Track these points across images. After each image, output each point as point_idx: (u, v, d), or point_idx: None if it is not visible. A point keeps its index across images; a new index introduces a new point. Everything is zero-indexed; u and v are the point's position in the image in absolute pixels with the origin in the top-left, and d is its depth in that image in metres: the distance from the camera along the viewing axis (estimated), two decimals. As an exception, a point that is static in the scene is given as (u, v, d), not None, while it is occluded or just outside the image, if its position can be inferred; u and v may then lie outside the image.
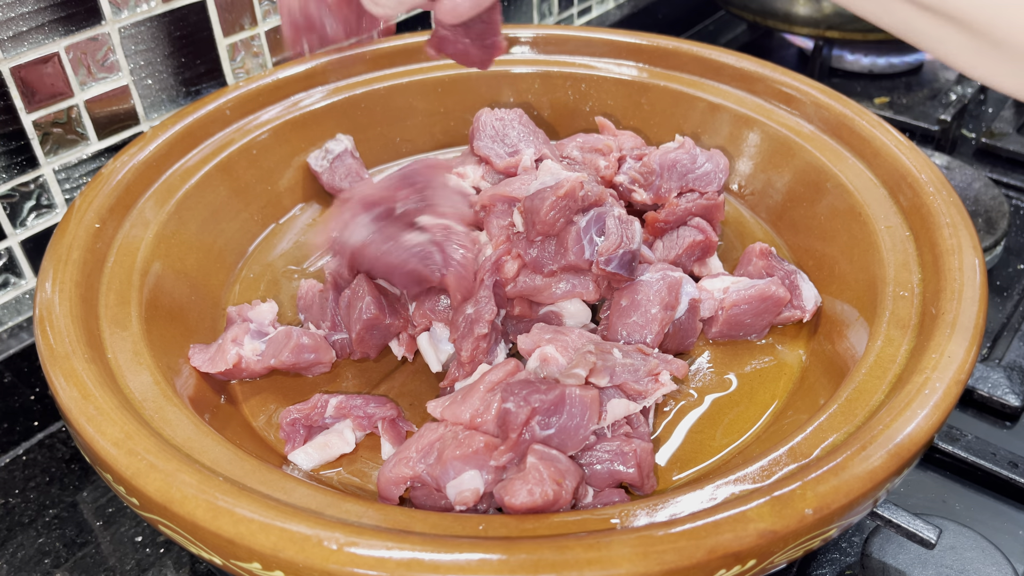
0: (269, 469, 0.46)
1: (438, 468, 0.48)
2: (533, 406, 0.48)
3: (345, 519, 0.42)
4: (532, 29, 0.87)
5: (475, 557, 0.39)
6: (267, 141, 0.76)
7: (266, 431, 0.58)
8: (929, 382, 0.47)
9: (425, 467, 0.49)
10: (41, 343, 0.51)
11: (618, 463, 0.50)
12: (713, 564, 0.39)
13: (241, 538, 0.40)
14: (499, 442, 0.49)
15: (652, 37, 0.84)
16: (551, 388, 0.49)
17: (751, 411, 0.58)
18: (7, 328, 0.73)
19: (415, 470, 0.49)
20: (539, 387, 0.49)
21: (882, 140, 0.67)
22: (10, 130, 0.68)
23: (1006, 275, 0.80)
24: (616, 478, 0.50)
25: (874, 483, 0.43)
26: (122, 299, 0.58)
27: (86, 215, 0.61)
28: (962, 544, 0.56)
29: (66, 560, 0.58)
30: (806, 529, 0.41)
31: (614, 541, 0.39)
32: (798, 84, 0.76)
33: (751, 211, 0.78)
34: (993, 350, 0.72)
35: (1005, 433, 0.66)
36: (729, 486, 0.44)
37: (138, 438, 0.45)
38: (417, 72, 0.84)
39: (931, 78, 1.14)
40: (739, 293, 0.61)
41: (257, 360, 0.59)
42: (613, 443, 0.51)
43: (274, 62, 0.86)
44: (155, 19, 0.74)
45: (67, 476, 0.64)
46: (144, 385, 0.52)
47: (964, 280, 0.54)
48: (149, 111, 0.77)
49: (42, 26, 0.67)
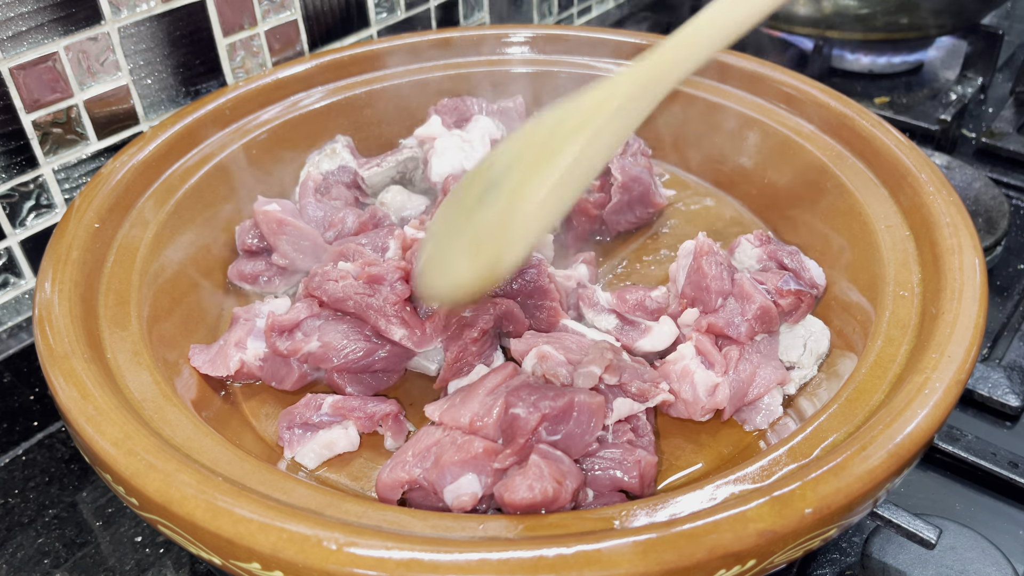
0: (269, 469, 0.46)
1: (435, 472, 0.48)
2: (543, 412, 0.48)
3: (345, 519, 0.42)
4: (532, 29, 0.87)
5: (475, 557, 0.39)
6: (267, 141, 0.76)
7: (266, 431, 0.58)
8: (929, 382, 0.47)
9: (422, 471, 0.49)
10: (40, 343, 0.51)
11: (620, 471, 0.50)
12: (713, 564, 0.39)
13: (240, 538, 0.40)
14: (498, 447, 0.49)
15: (652, 37, 0.84)
16: (559, 395, 0.49)
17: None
18: (7, 328, 0.73)
19: (411, 474, 0.49)
20: (547, 393, 0.49)
21: (882, 140, 0.67)
22: (10, 130, 0.68)
23: (1006, 275, 0.80)
24: (617, 485, 0.50)
25: (874, 483, 0.43)
26: (121, 299, 0.58)
27: (86, 215, 0.61)
28: (962, 544, 0.56)
29: (66, 560, 0.58)
30: (806, 529, 0.41)
31: (614, 541, 0.39)
32: (798, 84, 0.76)
33: (751, 210, 0.78)
34: (993, 350, 0.72)
35: (1005, 433, 0.66)
36: (729, 486, 0.44)
37: (137, 438, 0.45)
38: (417, 72, 0.84)
39: (931, 78, 1.14)
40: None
41: (259, 366, 0.59)
42: (616, 450, 0.51)
43: (274, 62, 0.86)
44: (155, 19, 0.74)
45: (67, 476, 0.64)
46: (144, 385, 0.52)
47: (964, 280, 0.54)
48: (149, 111, 0.77)
49: (42, 26, 0.67)
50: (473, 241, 0.46)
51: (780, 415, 0.57)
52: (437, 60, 0.85)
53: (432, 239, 0.51)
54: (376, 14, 0.93)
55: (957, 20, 1.06)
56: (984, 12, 1.08)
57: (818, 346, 0.60)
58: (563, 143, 0.45)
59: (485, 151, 0.74)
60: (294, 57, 0.87)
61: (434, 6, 1.00)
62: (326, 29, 0.89)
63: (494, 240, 0.45)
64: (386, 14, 0.94)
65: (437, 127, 0.76)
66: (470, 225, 0.47)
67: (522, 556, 0.39)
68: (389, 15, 0.95)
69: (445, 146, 0.73)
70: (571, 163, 0.45)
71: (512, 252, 0.45)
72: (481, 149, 0.74)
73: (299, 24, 0.86)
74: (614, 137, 0.47)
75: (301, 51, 0.88)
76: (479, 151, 0.73)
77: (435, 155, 0.73)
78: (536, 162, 0.46)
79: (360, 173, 0.74)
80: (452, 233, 0.48)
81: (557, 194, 0.45)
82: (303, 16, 0.86)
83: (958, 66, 1.14)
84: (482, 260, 0.46)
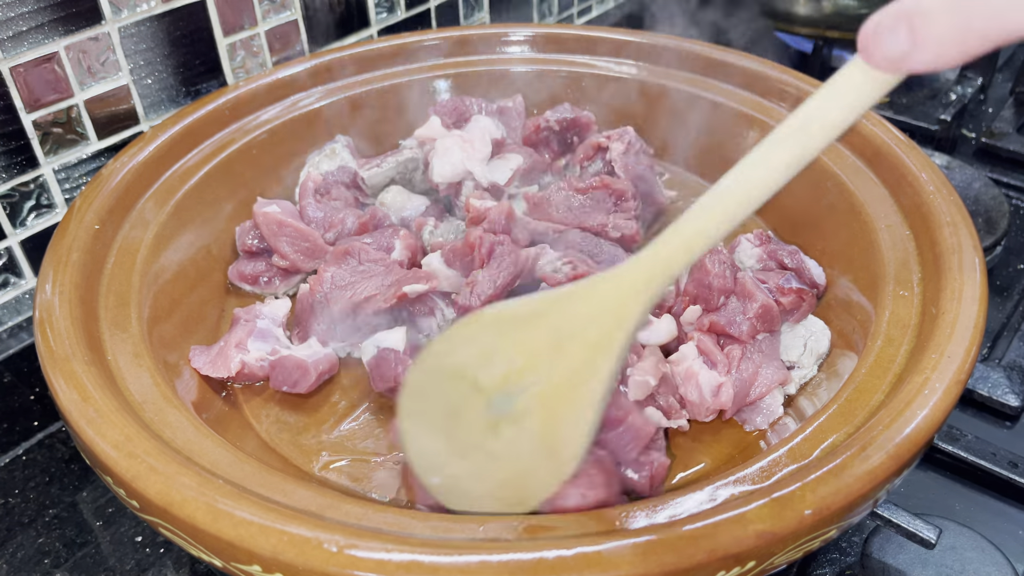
0: (269, 471, 0.46)
1: None
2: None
3: (345, 521, 0.42)
4: (532, 28, 0.87)
5: (475, 559, 0.39)
6: (267, 141, 0.76)
7: (267, 433, 0.58)
8: (929, 382, 0.47)
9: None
10: (41, 345, 0.51)
11: (632, 470, 0.50)
12: (713, 565, 0.39)
13: (241, 540, 0.40)
14: None
15: (652, 36, 0.84)
16: (618, 406, 0.49)
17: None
18: (7, 328, 0.73)
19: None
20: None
21: (882, 139, 0.67)
22: (10, 130, 0.68)
23: (1006, 275, 0.80)
24: (627, 484, 0.50)
25: (874, 484, 0.43)
26: (122, 300, 0.58)
27: (86, 216, 0.61)
28: (962, 544, 0.56)
29: (66, 560, 0.58)
30: (806, 530, 0.41)
31: (614, 543, 0.39)
32: (798, 83, 0.76)
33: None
34: (993, 350, 0.72)
35: (1005, 433, 0.66)
36: (728, 487, 0.44)
37: (138, 440, 0.45)
38: (417, 72, 0.84)
39: (931, 78, 1.14)
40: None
41: (261, 367, 0.60)
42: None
43: (274, 62, 0.86)
44: (155, 19, 0.74)
45: (67, 476, 0.64)
46: (144, 387, 0.52)
47: (964, 280, 0.54)
48: (149, 111, 0.77)
49: (42, 26, 0.67)
50: (506, 483, 0.44)
51: (780, 415, 0.57)
52: (437, 60, 0.85)
53: (430, 464, 0.46)
54: (376, 14, 0.93)
55: (957, 19, 1.06)
56: (984, 11, 1.08)
57: (818, 346, 0.60)
58: (595, 357, 0.41)
59: (486, 151, 0.73)
60: (294, 57, 0.87)
61: (434, 6, 1.00)
62: (326, 29, 0.89)
63: (537, 480, 0.43)
64: (386, 14, 0.94)
65: (437, 127, 0.76)
66: (494, 465, 0.44)
67: (522, 558, 0.39)
68: (389, 15, 0.95)
69: (446, 147, 0.73)
70: (607, 378, 0.41)
71: (552, 486, 0.43)
72: (482, 149, 0.74)
73: (299, 24, 0.86)
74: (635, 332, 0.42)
75: (301, 51, 0.88)
76: (480, 151, 0.73)
77: (436, 156, 0.73)
78: (567, 386, 0.42)
79: (360, 173, 0.74)
80: (465, 468, 0.45)
81: (595, 413, 0.42)
82: (303, 16, 0.86)
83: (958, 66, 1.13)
84: (524, 500, 0.44)
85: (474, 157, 0.73)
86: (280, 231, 0.67)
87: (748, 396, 0.57)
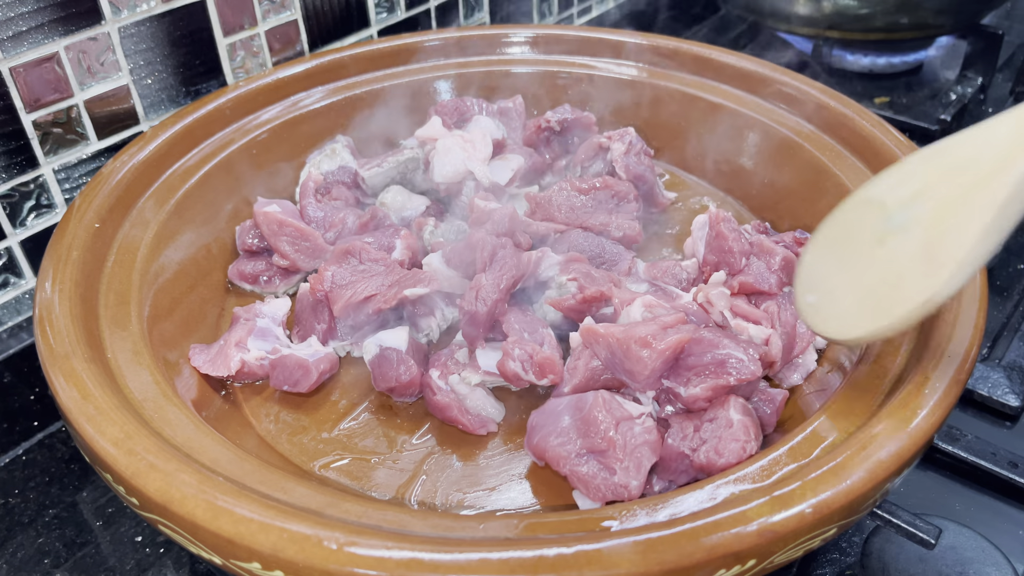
0: (269, 469, 0.46)
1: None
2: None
3: (345, 519, 0.42)
4: (532, 29, 0.87)
5: (475, 557, 0.39)
6: (267, 141, 0.76)
7: (266, 431, 0.58)
8: (929, 382, 0.47)
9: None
10: (41, 343, 0.51)
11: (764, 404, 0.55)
12: (713, 564, 0.39)
13: (241, 538, 0.40)
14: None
15: (652, 37, 0.84)
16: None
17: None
18: (7, 328, 0.73)
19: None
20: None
21: (882, 140, 0.67)
22: (10, 130, 0.68)
23: (1006, 275, 0.80)
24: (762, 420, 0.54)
25: (874, 483, 0.43)
26: (122, 299, 0.58)
27: (86, 215, 0.61)
28: (962, 544, 0.56)
29: (66, 560, 0.58)
30: (806, 529, 0.41)
31: (614, 541, 0.39)
32: (798, 84, 0.76)
33: (751, 210, 0.78)
34: (993, 350, 0.72)
35: (1005, 433, 0.66)
36: (729, 486, 0.44)
37: (138, 438, 0.45)
38: (417, 72, 0.84)
39: (931, 78, 1.14)
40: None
41: (260, 366, 0.60)
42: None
43: (274, 62, 0.86)
44: (155, 19, 0.74)
45: (67, 476, 0.64)
46: (144, 385, 0.52)
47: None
48: (149, 111, 0.77)
49: (42, 26, 0.67)
50: (875, 290, 0.45)
51: (814, 369, 0.59)
52: (437, 60, 0.85)
53: (813, 282, 0.50)
54: (376, 14, 0.93)
55: (957, 20, 1.06)
56: (984, 12, 1.08)
57: None
58: (990, 180, 0.41)
59: (487, 151, 0.74)
60: (294, 57, 0.87)
61: (434, 6, 1.00)
62: (326, 29, 0.89)
63: (907, 288, 0.44)
64: (386, 14, 0.94)
65: (438, 127, 0.76)
66: (870, 270, 0.46)
67: (522, 556, 0.39)
68: (389, 15, 0.95)
69: (447, 147, 0.73)
70: (1006, 201, 0.41)
71: (921, 296, 0.43)
72: (483, 149, 0.74)
73: (299, 24, 0.86)
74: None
75: (301, 51, 0.88)
76: (481, 151, 0.73)
77: (437, 156, 0.73)
78: (960, 200, 0.42)
79: (360, 173, 0.75)
80: (843, 279, 0.47)
81: (988, 238, 0.42)
82: (303, 16, 0.86)
83: (958, 66, 1.14)
84: (888, 310, 0.45)
85: (475, 157, 0.73)
86: (280, 230, 0.67)
87: (793, 349, 0.59)
